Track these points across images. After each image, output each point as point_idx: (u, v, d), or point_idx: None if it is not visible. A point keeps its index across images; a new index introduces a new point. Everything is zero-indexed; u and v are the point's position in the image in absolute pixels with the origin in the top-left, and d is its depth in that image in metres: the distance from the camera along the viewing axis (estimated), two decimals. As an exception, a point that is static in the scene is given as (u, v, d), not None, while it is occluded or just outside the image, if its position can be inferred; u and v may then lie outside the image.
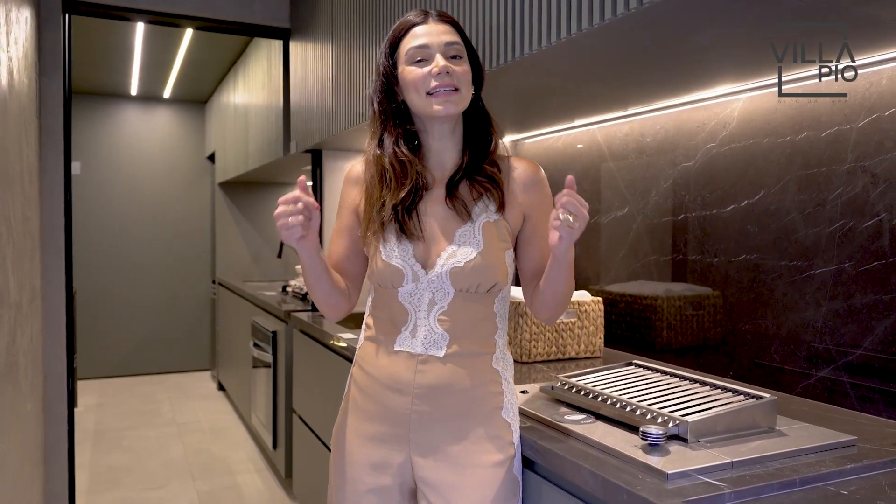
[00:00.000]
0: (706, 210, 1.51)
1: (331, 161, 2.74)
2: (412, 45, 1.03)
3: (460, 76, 1.02)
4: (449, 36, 1.04)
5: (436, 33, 1.03)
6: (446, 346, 1.02)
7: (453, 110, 1.03)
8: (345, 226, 1.14)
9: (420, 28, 1.04)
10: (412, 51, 1.03)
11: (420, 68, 1.03)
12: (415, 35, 1.04)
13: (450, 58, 1.03)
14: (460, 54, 1.04)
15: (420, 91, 1.03)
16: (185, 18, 2.59)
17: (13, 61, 1.60)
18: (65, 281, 2.36)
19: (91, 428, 3.78)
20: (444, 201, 1.05)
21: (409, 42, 1.04)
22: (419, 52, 1.03)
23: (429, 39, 1.03)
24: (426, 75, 1.02)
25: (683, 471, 0.84)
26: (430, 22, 1.05)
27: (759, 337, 1.39)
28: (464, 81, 1.03)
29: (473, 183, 1.06)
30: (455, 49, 1.03)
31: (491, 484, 1.00)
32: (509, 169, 1.09)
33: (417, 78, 1.03)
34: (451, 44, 1.03)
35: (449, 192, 1.05)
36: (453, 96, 1.02)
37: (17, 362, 1.60)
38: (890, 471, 0.90)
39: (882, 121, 1.16)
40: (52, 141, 2.34)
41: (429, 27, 1.04)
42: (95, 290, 4.96)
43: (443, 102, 1.02)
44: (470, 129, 1.10)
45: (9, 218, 1.50)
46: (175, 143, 5.27)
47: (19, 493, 1.59)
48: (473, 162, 1.07)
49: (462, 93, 1.03)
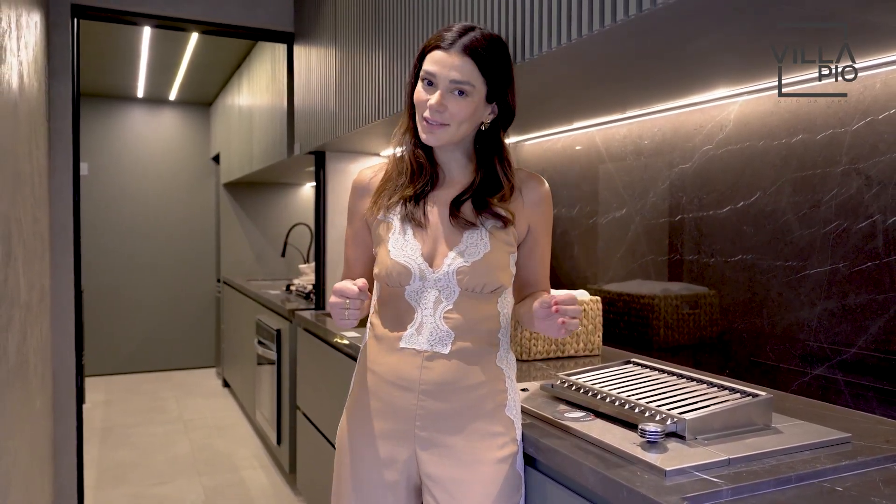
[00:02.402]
0: (703, 211, 1.53)
1: (334, 163, 2.76)
2: (425, 68, 1.05)
3: (455, 113, 1.03)
4: (458, 73, 1.02)
5: (448, 67, 1.02)
6: (451, 343, 1.04)
7: (434, 142, 1.06)
8: (357, 234, 1.19)
9: (438, 54, 1.03)
10: (424, 72, 1.05)
11: (425, 92, 1.05)
12: (432, 59, 1.04)
13: (453, 93, 1.03)
14: (467, 92, 1.03)
15: (419, 112, 1.06)
16: (191, 22, 2.61)
17: (23, 65, 1.63)
18: (73, 280, 2.39)
19: (99, 424, 3.82)
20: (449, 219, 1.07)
21: (427, 63, 1.05)
22: (428, 76, 1.04)
23: (438, 70, 1.03)
24: (425, 101, 1.04)
25: (681, 468, 0.85)
26: (451, 52, 1.02)
27: (754, 336, 1.40)
28: (457, 118, 1.03)
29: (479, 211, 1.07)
30: (461, 87, 1.03)
31: (495, 480, 1.02)
32: (518, 184, 1.11)
33: (419, 100, 1.06)
34: (457, 82, 1.02)
35: (452, 212, 1.07)
36: (438, 130, 1.04)
37: (27, 360, 1.62)
38: (883, 467, 0.90)
39: (876, 124, 1.17)
40: (61, 142, 2.37)
41: (446, 57, 1.02)
42: (103, 289, 4.99)
43: (428, 131, 1.05)
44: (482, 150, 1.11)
45: (19, 219, 1.52)
46: (181, 145, 5.30)
47: (30, 488, 1.61)
48: (481, 192, 1.08)
49: (450, 129, 1.04)
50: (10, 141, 1.40)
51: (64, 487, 2.39)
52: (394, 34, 1.83)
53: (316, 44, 2.57)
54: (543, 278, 1.16)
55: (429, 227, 1.07)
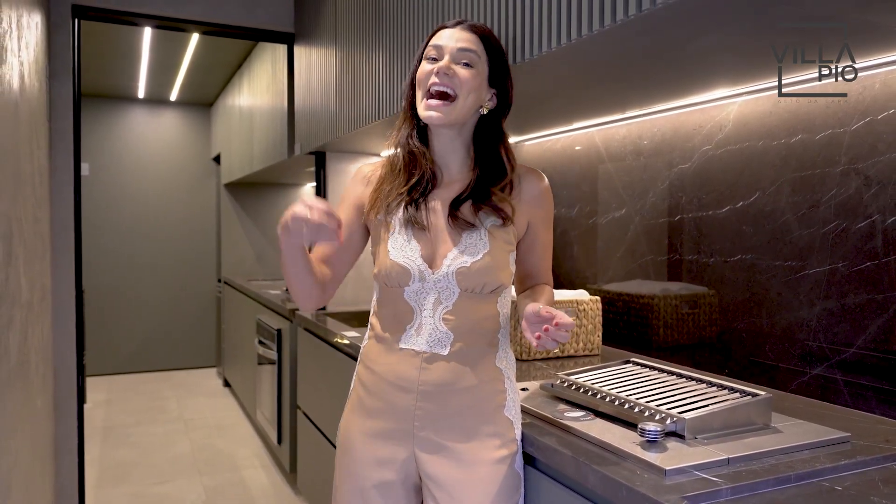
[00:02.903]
0: (702, 211, 1.53)
1: (334, 163, 2.76)
2: (431, 44, 1.06)
3: (462, 81, 1.02)
4: (467, 43, 1.03)
5: (455, 38, 1.04)
6: (450, 345, 1.04)
7: (437, 120, 1.03)
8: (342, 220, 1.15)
9: (445, 31, 1.06)
10: (429, 49, 1.06)
11: (429, 66, 1.04)
12: (437, 37, 1.06)
13: (460, 63, 1.03)
14: (472, 63, 1.03)
15: (421, 88, 1.05)
16: (192, 23, 2.61)
17: (24, 65, 1.63)
18: (74, 280, 2.39)
19: (100, 424, 3.82)
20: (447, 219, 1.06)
21: (432, 41, 1.06)
22: (433, 50, 1.05)
23: (445, 42, 1.04)
24: (430, 73, 1.03)
25: (681, 467, 0.85)
26: (457, 28, 1.05)
27: (753, 335, 1.40)
28: (464, 88, 1.03)
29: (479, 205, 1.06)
30: (468, 56, 1.03)
31: (495, 480, 1.02)
32: (517, 178, 1.10)
33: (423, 74, 1.05)
34: (466, 50, 1.03)
35: (451, 213, 1.05)
36: (444, 107, 1.02)
37: (29, 360, 1.63)
38: (882, 467, 0.91)
39: (875, 124, 1.17)
40: (62, 143, 2.37)
41: (452, 31, 1.05)
42: (104, 289, 5.00)
43: (432, 108, 1.02)
44: (481, 142, 1.10)
45: (20, 219, 1.53)
46: (181, 145, 5.31)
47: (31, 487, 1.62)
48: (482, 184, 1.06)
49: (457, 103, 1.03)
50: (11, 141, 1.41)
51: (65, 486, 2.40)
52: (394, 35, 1.83)
53: (316, 44, 2.57)
54: (545, 271, 1.16)
55: (430, 228, 1.06)
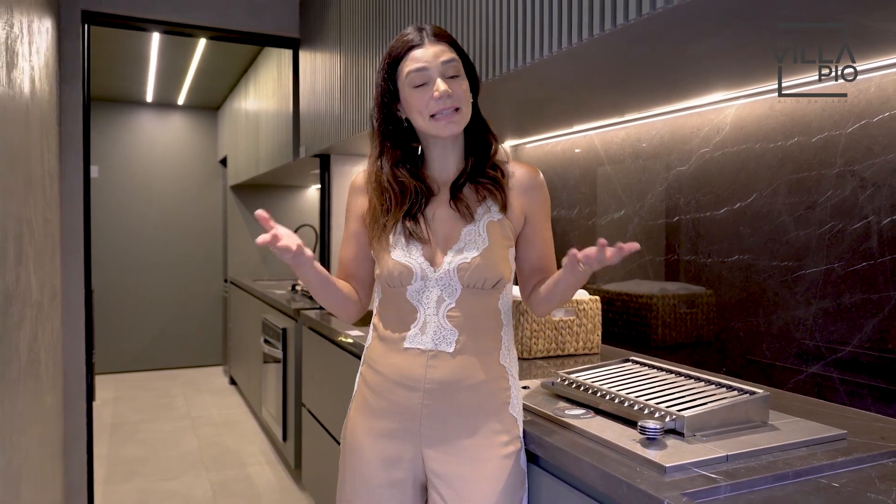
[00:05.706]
0: (700, 212, 1.54)
1: (339, 165, 2.79)
2: (411, 69, 1.05)
3: (460, 95, 1.05)
4: (445, 55, 1.05)
5: (433, 55, 1.05)
6: (455, 342, 1.05)
7: (457, 130, 1.07)
8: (352, 232, 1.18)
9: (418, 51, 1.05)
10: (412, 75, 1.05)
11: (422, 93, 1.05)
12: (414, 59, 1.05)
13: (448, 77, 1.05)
14: (458, 72, 1.06)
15: (424, 115, 1.06)
16: (199, 29, 2.64)
17: (35, 70, 1.66)
18: (84, 280, 2.42)
19: (108, 421, 3.86)
20: (449, 203, 1.09)
21: (409, 66, 1.05)
22: (419, 76, 1.05)
23: (427, 62, 1.05)
24: (428, 99, 1.04)
25: (680, 464, 0.86)
26: (427, 44, 1.06)
27: (751, 334, 1.41)
28: (464, 99, 1.06)
29: (477, 185, 1.10)
30: (452, 67, 1.05)
31: (500, 476, 1.03)
32: (510, 173, 1.13)
33: (420, 103, 1.05)
34: (449, 62, 1.05)
35: (453, 195, 1.09)
36: (455, 117, 1.05)
37: (39, 358, 1.65)
38: (879, 463, 0.91)
39: (871, 126, 1.18)
40: (72, 146, 2.40)
41: (426, 50, 1.05)
42: (113, 289, 5.05)
43: (447, 125, 1.05)
44: (470, 136, 1.13)
45: (31, 220, 1.55)
46: (189, 148, 5.35)
47: (41, 483, 1.64)
48: (476, 166, 1.11)
49: (463, 111, 1.06)
50: (22, 144, 1.43)
51: (74, 483, 2.42)
52: (397, 38, 1.85)
53: (321, 49, 2.60)
54: (551, 262, 1.16)
55: (430, 233, 1.09)
